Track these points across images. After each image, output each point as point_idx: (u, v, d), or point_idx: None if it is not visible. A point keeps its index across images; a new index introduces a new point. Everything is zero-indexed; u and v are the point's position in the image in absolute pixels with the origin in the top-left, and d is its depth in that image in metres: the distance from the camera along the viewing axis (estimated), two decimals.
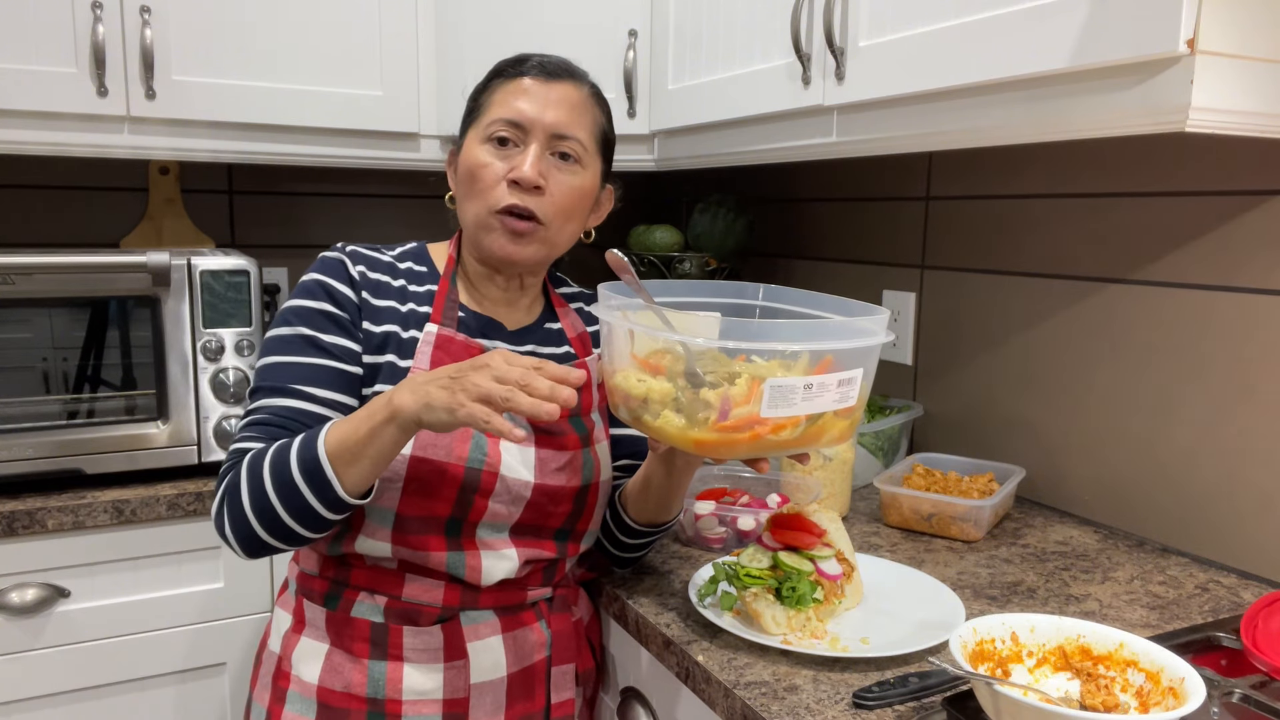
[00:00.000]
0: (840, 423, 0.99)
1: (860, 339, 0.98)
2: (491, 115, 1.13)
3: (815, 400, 0.94)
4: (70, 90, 1.64)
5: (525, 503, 1.11)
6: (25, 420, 1.53)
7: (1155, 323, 1.40)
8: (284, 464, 0.98)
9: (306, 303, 1.11)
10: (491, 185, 1.11)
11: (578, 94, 1.15)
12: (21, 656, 1.49)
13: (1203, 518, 1.35)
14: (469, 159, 1.13)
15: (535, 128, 1.11)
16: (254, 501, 1.00)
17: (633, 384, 0.99)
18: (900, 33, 1.27)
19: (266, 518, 1.00)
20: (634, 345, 1.02)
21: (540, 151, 1.11)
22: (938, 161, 1.76)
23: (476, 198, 1.13)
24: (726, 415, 0.93)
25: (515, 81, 1.13)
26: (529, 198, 1.11)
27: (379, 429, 0.95)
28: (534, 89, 1.12)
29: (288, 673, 1.12)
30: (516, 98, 1.12)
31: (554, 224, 1.13)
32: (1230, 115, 1.00)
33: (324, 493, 0.97)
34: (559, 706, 1.18)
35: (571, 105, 1.13)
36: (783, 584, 1.06)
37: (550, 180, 1.12)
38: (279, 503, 0.99)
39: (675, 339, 0.97)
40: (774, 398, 0.92)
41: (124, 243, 2.08)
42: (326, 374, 1.08)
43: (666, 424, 0.97)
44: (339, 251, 1.15)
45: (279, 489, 0.98)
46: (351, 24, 1.85)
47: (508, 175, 1.11)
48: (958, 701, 0.88)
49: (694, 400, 0.95)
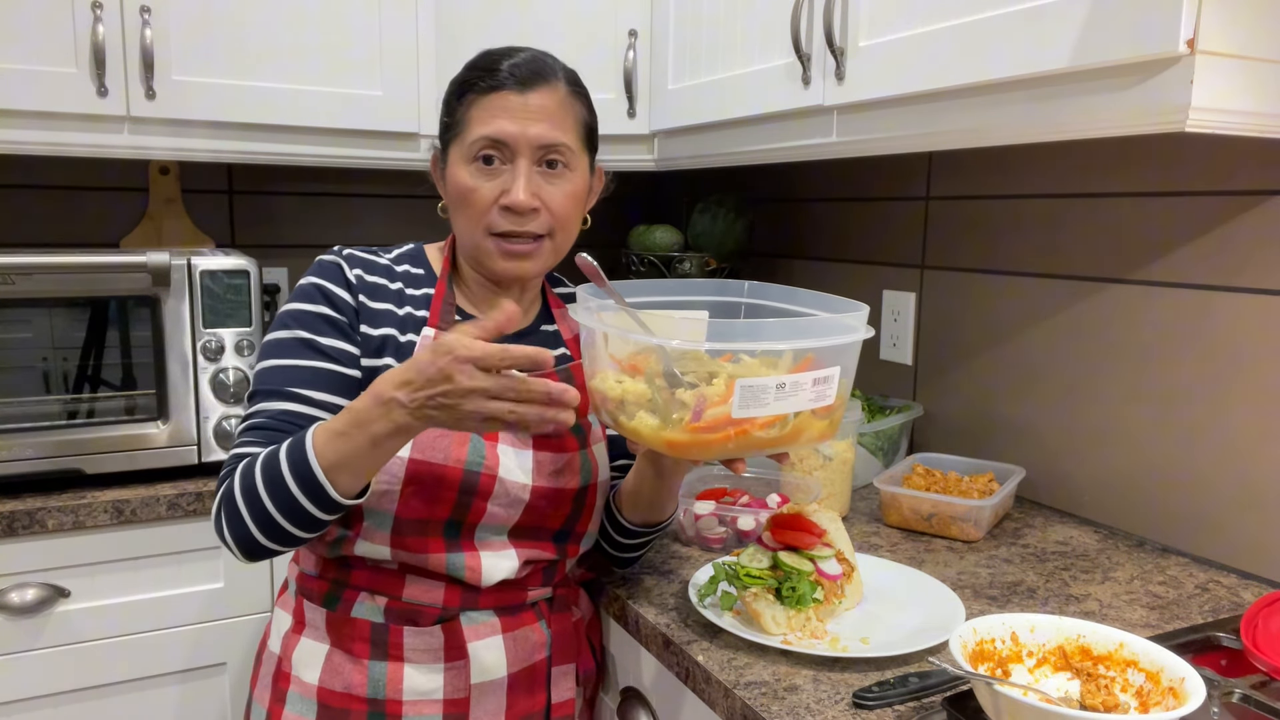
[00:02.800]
0: (819, 422, 0.98)
1: (838, 336, 0.96)
2: (473, 134, 1.10)
3: (789, 400, 0.93)
4: (70, 90, 1.64)
5: (524, 505, 1.11)
6: (25, 420, 1.53)
7: (1155, 323, 1.40)
8: (276, 472, 0.97)
9: (304, 306, 1.11)
10: (484, 210, 1.10)
11: (555, 96, 1.11)
12: (21, 656, 1.49)
13: (1203, 518, 1.35)
14: (456, 180, 1.12)
15: (520, 144, 1.09)
16: (251, 509, 0.99)
17: (610, 385, 0.99)
18: (900, 33, 1.27)
19: (264, 524, 0.99)
20: (610, 347, 1.01)
21: (529, 169, 1.09)
22: (938, 161, 1.76)
23: (469, 220, 1.12)
24: (700, 416, 0.92)
25: (490, 96, 1.09)
26: (525, 220, 1.10)
27: (381, 439, 0.93)
28: (512, 102, 1.09)
29: (288, 673, 1.12)
30: (495, 115, 1.09)
31: (557, 234, 1.13)
32: (1230, 115, 1.00)
33: (319, 499, 0.96)
34: (559, 706, 1.18)
35: (552, 113, 1.10)
36: (783, 584, 1.06)
37: (543, 194, 1.10)
38: (277, 511, 0.98)
39: (648, 341, 0.96)
40: (745, 398, 0.91)
41: (124, 243, 2.08)
42: (325, 377, 1.08)
43: (641, 425, 0.96)
44: (335, 255, 1.14)
45: (274, 498, 0.97)
46: (351, 24, 1.85)
47: (499, 200, 1.09)
48: (958, 701, 0.88)
49: (669, 401, 0.95)
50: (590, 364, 1.04)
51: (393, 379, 0.92)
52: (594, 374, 1.03)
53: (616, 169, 1.25)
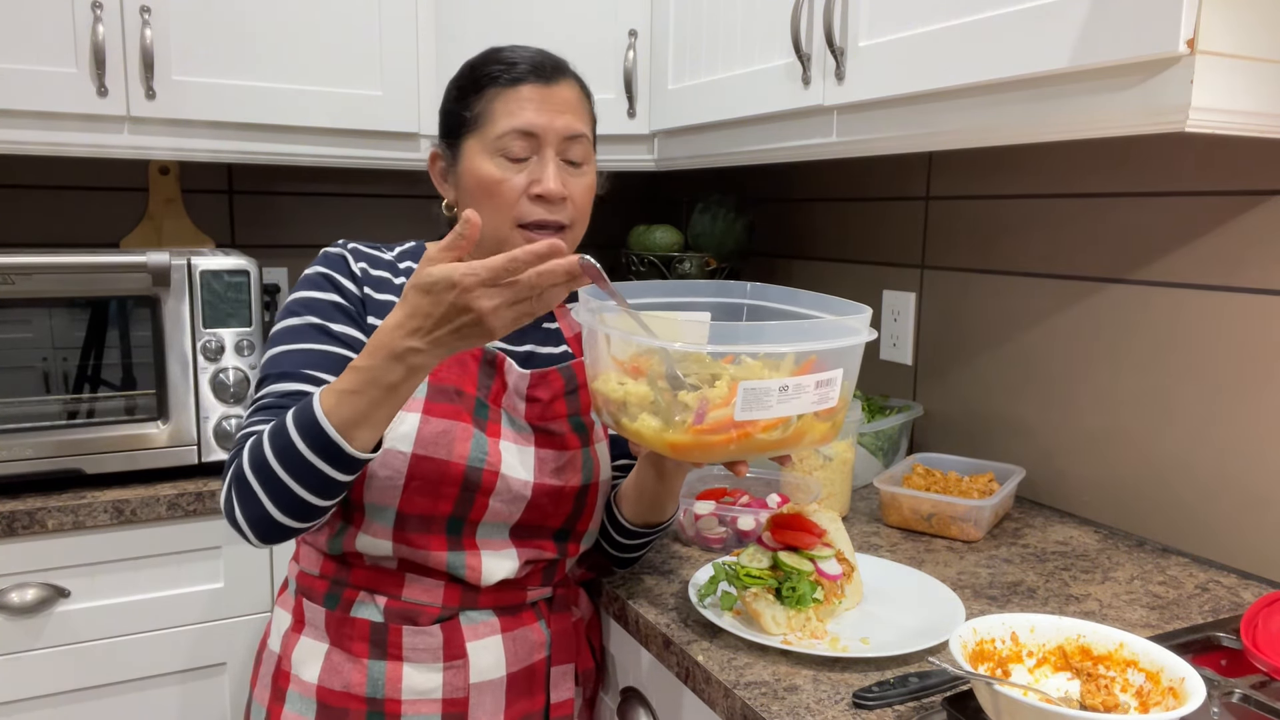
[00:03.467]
0: (821, 425, 0.98)
1: (841, 338, 0.96)
2: (499, 127, 1.10)
3: (792, 402, 0.93)
4: (70, 90, 1.64)
5: (526, 503, 1.11)
6: (25, 420, 1.53)
7: (1155, 323, 1.40)
8: (286, 440, 0.94)
9: (314, 294, 1.11)
10: (512, 200, 1.10)
11: (575, 91, 1.15)
12: (21, 656, 1.49)
13: (1203, 518, 1.35)
14: (478, 172, 1.11)
15: (548, 135, 1.10)
16: (265, 484, 0.95)
17: (612, 387, 0.99)
18: (900, 33, 1.27)
19: (279, 497, 0.95)
20: (612, 348, 1.01)
21: (556, 161, 1.11)
22: (938, 161, 1.76)
23: (495, 212, 1.11)
24: (703, 418, 0.92)
25: (517, 89, 1.11)
26: (556, 210, 1.11)
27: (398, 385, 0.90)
28: (538, 95, 1.11)
29: (287, 672, 1.12)
30: (523, 107, 1.10)
31: (577, 226, 1.15)
32: (1230, 115, 1.00)
33: (336, 458, 0.93)
34: (558, 706, 1.18)
35: (574, 105, 1.13)
36: (783, 584, 1.06)
37: (569, 187, 1.12)
38: (292, 480, 0.94)
39: (650, 343, 0.96)
40: (748, 400, 0.91)
41: (124, 243, 2.08)
42: (337, 361, 1.07)
43: (643, 427, 0.96)
44: (340, 247, 1.15)
45: (288, 467, 0.94)
46: (351, 24, 1.85)
47: (529, 190, 1.10)
48: (958, 701, 0.88)
49: (671, 403, 0.94)
50: (592, 365, 1.04)
51: (399, 330, 0.89)
52: (596, 375, 1.03)
53: (616, 169, 1.25)
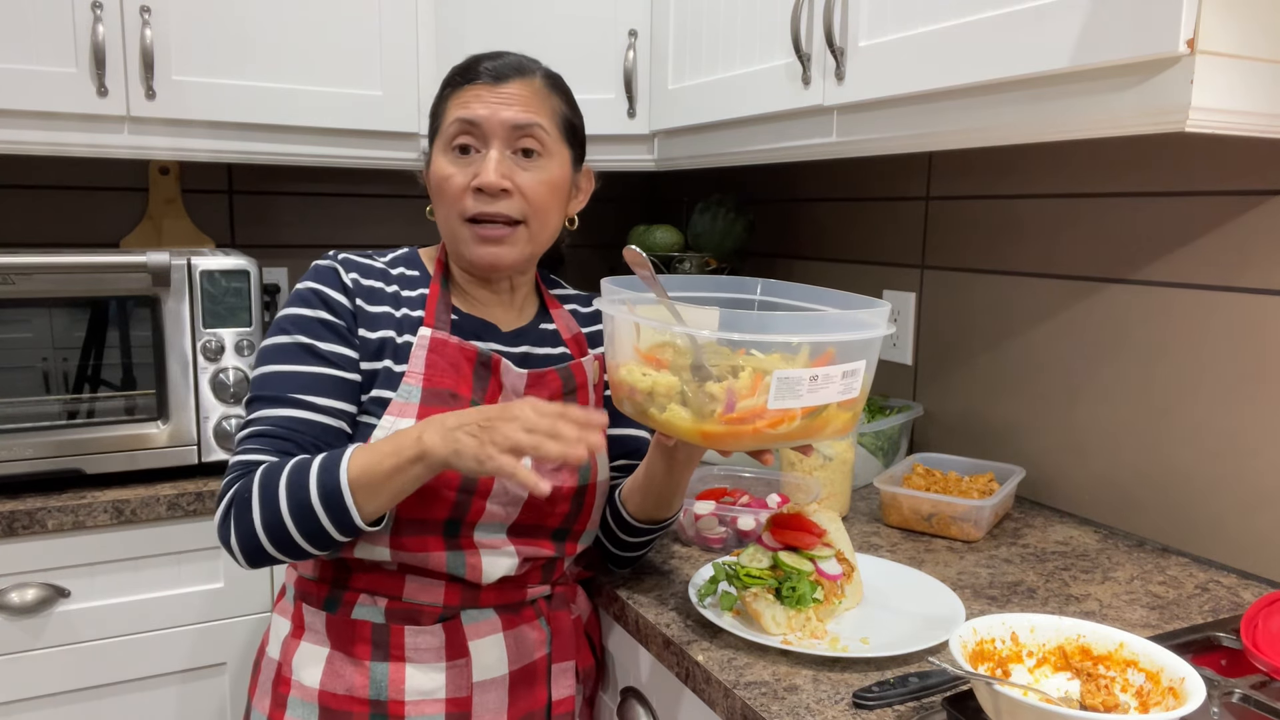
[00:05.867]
0: (843, 414, 1.00)
1: (862, 331, 0.98)
2: (447, 121, 1.14)
3: (820, 392, 0.95)
4: (70, 90, 1.64)
5: (522, 503, 1.11)
6: (25, 420, 1.53)
7: (1155, 323, 1.40)
8: (303, 487, 0.99)
9: (303, 311, 1.11)
10: (458, 195, 1.13)
11: (530, 87, 1.15)
12: (21, 656, 1.49)
13: (1203, 518, 1.35)
14: (435, 171, 1.15)
15: (492, 125, 1.11)
16: (266, 519, 1.00)
17: (638, 377, 1.00)
18: (900, 33, 1.27)
19: (277, 535, 1.00)
20: (639, 339, 1.02)
21: (501, 153, 1.12)
22: (938, 161, 1.76)
23: (445, 208, 1.15)
24: (733, 408, 0.94)
25: (465, 88, 1.14)
26: (496, 203, 1.12)
27: (405, 466, 0.97)
28: (486, 90, 1.13)
29: (288, 678, 1.12)
30: (468, 101, 1.13)
31: (533, 222, 1.15)
32: (1230, 115, 1.00)
33: (341, 519, 0.98)
34: (559, 704, 1.18)
35: (525, 99, 1.13)
36: (783, 584, 1.07)
37: (517, 179, 1.12)
38: (293, 524, 0.99)
39: (685, 332, 0.98)
40: (781, 390, 0.93)
41: (124, 243, 2.08)
42: (326, 382, 1.08)
43: (674, 417, 0.97)
44: (331, 259, 1.15)
45: (294, 510, 0.99)
46: (351, 24, 1.85)
47: (471, 183, 1.12)
48: (958, 701, 0.88)
49: (699, 393, 0.96)
50: (614, 356, 1.05)
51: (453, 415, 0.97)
52: (619, 365, 1.03)
53: (616, 169, 1.25)
